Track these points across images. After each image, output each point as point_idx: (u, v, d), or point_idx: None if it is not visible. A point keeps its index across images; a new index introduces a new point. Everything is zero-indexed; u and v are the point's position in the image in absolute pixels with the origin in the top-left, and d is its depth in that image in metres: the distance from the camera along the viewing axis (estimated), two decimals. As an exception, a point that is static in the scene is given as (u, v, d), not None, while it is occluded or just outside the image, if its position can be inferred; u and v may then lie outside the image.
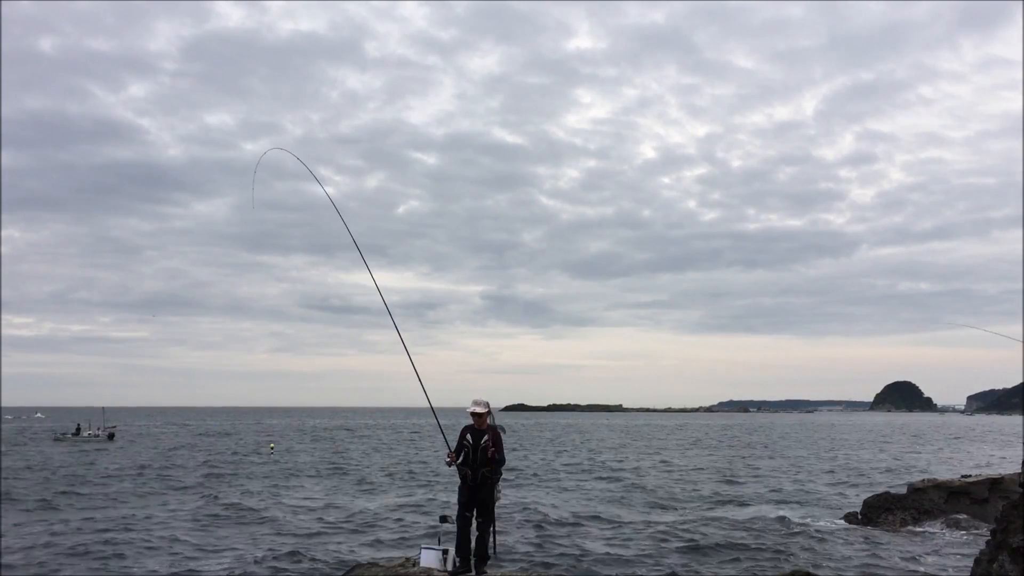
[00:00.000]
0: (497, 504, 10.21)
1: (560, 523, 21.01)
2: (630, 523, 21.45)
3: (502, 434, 10.24)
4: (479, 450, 9.90)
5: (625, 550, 17.63)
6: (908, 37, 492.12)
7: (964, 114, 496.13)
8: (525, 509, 23.33)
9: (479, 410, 9.97)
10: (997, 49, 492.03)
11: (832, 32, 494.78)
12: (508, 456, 10.49)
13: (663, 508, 24.49)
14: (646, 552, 17.42)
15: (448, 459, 9.97)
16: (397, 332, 10.70)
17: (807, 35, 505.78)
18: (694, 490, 29.36)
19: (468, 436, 10.03)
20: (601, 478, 34.27)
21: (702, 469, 39.64)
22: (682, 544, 18.29)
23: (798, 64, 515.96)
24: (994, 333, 10.99)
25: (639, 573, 15.66)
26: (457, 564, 10.17)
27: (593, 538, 19.03)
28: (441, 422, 10.33)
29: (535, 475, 35.50)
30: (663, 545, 18.14)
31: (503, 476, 10.35)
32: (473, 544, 10.13)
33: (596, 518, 22.17)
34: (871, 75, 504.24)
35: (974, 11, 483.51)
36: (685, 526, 20.92)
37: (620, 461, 44.89)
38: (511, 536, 18.71)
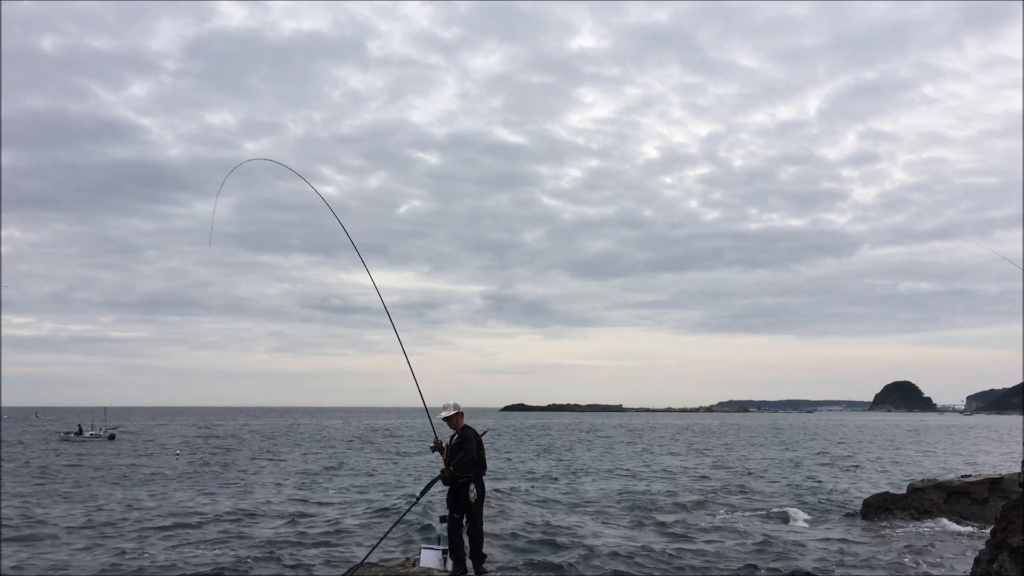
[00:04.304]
0: (480, 503, 10.24)
1: (564, 522, 21.00)
2: (628, 522, 21.47)
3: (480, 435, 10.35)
4: (448, 451, 10.20)
5: (622, 548, 17.62)
6: (912, 36, 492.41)
7: (967, 113, 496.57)
8: (541, 500, 23.33)
9: (446, 414, 10.25)
10: (1001, 48, 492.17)
11: (836, 31, 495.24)
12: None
13: (662, 506, 24.47)
14: (644, 550, 17.40)
15: (433, 444, 10.34)
16: (395, 331, 10.73)
17: (811, 34, 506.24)
18: (693, 488, 29.36)
19: (449, 438, 10.31)
20: (610, 476, 34.26)
21: (702, 467, 39.64)
22: (680, 543, 18.29)
23: (801, 63, 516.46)
24: (996, 253, 11.02)
25: (637, 572, 15.66)
26: (452, 567, 10.24)
27: (593, 538, 19.01)
28: (434, 420, 10.43)
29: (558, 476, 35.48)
30: (661, 543, 18.14)
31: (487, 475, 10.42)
32: (467, 545, 10.19)
33: (598, 517, 22.18)
34: (874, 74, 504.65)
35: (978, 10, 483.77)
36: (684, 524, 20.93)
37: (631, 458, 44.92)
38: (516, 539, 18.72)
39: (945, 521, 20.63)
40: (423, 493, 10.69)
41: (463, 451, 10.00)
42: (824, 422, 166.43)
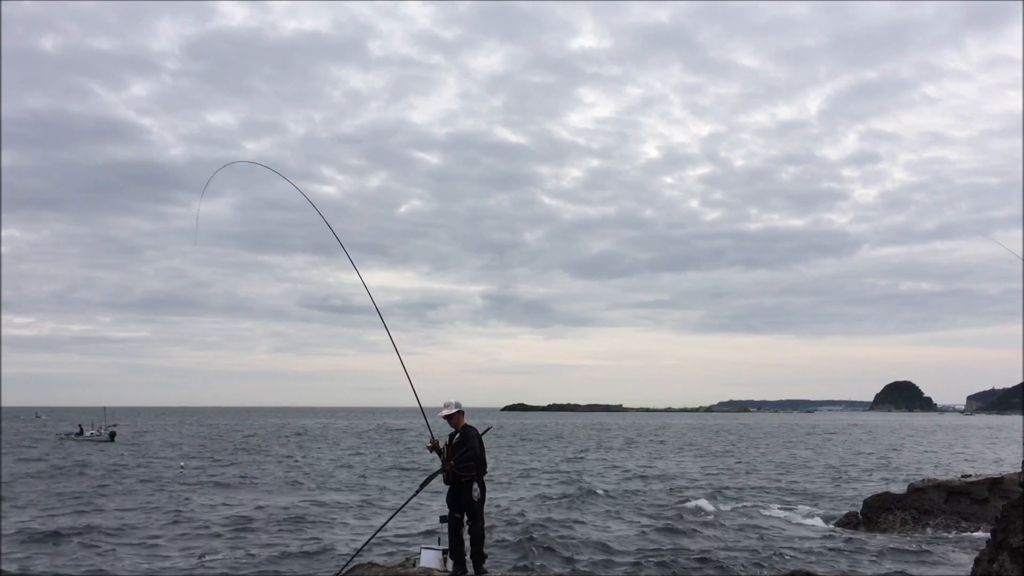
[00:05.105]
0: (482, 503, 10.22)
1: (567, 520, 21.00)
2: (631, 520, 21.47)
3: (479, 432, 10.33)
4: (449, 450, 10.12)
5: (624, 547, 17.62)
6: (913, 36, 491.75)
7: (968, 113, 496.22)
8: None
9: (447, 412, 10.18)
10: (1002, 48, 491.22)
11: (837, 31, 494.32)
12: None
13: (665, 504, 24.47)
14: (645, 548, 17.40)
15: (430, 444, 10.24)
16: (386, 330, 10.73)
17: (812, 34, 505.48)
18: (695, 487, 29.36)
19: (447, 437, 10.26)
20: (614, 474, 34.26)
21: (705, 466, 39.65)
22: (681, 541, 18.28)
23: (802, 63, 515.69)
24: (997, 243, 11.03)
25: (638, 571, 15.66)
26: (452, 567, 10.22)
27: (596, 536, 19.01)
28: (431, 421, 10.40)
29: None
30: (662, 542, 18.14)
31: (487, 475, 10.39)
32: (468, 545, 10.17)
33: (601, 515, 22.17)
34: (875, 74, 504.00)
35: (979, 10, 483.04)
36: (684, 523, 20.92)
37: (636, 457, 44.94)
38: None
39: (945, 521, 20.64)
40: (422, 487, 10.67)
41: (465, 447, 9.99)
42: (825, 422, 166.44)
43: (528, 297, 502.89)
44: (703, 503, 25.52)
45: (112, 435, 66.06)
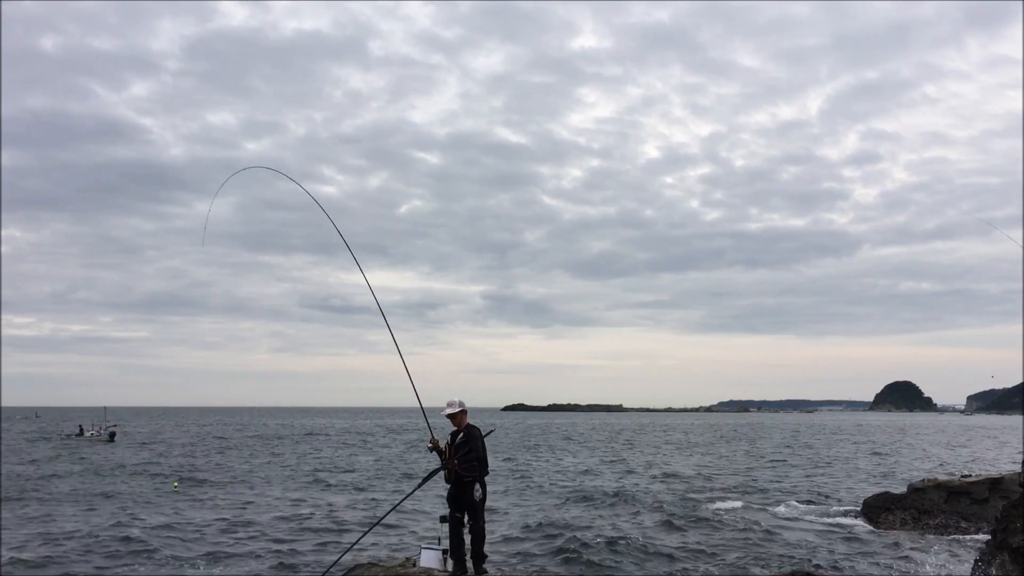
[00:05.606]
0: (483, 503, 10.20)
1: (568, 519, 21.01)
2: (632, 520, 21.46)
3: (481, 433, 10.31)
4: (452, 449, 10.10)
5: (625, 546, 17.60)
6: (914, 36, 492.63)
7: (969, 113, 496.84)
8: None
9: (451, 411, 10.15)
10: (1003, 48, 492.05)
11: (837, 31, 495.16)
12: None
13: (665, 504, 24.46)
14: (645, 548, 17.40)
15: (430, 444, 10.18)
16: (389, 331, 10.72)
17: (812, 34, 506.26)
18: (696, 486, 29.36)
19: (449, 437, 10.25)
20: (615, 474, 34.27)
21: (706, 466, 39.64)
22: (680, 541, 18.28)
23: (803, 63, 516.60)
24: (1001, 232, 11.07)
25: (638, 571, 15.67)
26: (452, 567, 10.21)
27: (595, 537, 19.01)
28: (431, 421, 10.38)
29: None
30: (662, 541, 18.13)
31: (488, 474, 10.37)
32: (468, 545, 10.17)
33: (601, 515, 22.18)
34: (876, 74, 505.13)
35: (980, 10, 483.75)
36: (687, 521, 20.92)
37: (636, 457, 44.95)
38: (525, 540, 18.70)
39: (945, 521, 20.63)
40: (421, 484, 10.67)
41: (469, 448, 9.95)
42: (825, 422, 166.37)
43: (528, 297, 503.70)
44: (706, 502, 25.53)
45: (112, 435, 66.08)
